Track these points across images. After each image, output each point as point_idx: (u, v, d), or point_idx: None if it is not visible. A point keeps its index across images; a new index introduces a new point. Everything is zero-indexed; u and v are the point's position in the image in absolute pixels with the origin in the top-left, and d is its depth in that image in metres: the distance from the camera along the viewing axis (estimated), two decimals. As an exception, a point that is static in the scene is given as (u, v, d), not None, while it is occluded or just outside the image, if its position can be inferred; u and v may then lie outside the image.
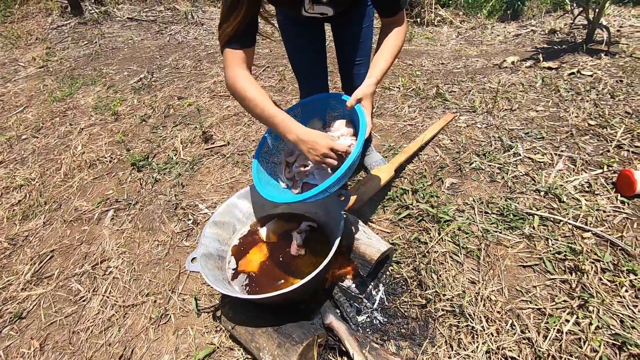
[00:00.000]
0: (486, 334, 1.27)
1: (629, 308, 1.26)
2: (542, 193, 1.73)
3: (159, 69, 3.78)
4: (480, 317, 1.32)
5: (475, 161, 1.98)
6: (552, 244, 1.51)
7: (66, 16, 5.47)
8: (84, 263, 1.81)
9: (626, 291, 1.30)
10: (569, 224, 1.57)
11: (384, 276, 1.51)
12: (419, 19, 4.12)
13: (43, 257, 1.88)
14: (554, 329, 1.24)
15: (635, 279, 1.32)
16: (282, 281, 1.32)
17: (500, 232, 1.60)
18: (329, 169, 1.18)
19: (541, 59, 2.83)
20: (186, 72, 3.65)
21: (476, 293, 1.39)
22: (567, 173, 1.82)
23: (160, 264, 1.74)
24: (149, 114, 2.98)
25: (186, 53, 4.09)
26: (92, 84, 3.65)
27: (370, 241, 1.37)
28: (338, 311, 1.36)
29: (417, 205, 1.78)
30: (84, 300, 1.65)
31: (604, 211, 1.60)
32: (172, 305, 1.55)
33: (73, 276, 1.76)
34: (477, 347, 1.24)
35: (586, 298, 1.30)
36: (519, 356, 1.20)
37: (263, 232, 1.50)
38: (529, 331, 1.26)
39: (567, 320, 1.26)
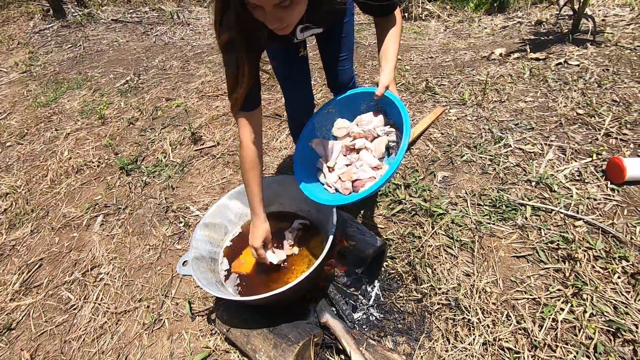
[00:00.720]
0: (482, 326, 1.27)
1: (622, 294, 1.27)
2: (533, 183, 1.74)
3: (145, 71, 3.73)
4: (476, 309, 1.32)
5: (467, 154, 1.98)
6: (545, 234, 1.51)
7: (48, 19, 5.36)
8: (74, 270, 1.78)
9: (619, 277, 1.31)
10: (561, 213, 1.57)
11: (379, 272, 1.50)
12: (406, 14, 4.11)
13: (31, 266, 1.84)
14: (549, 318, 1.25)
15: (627, 265, 1.34)
16: (276, 281, 1.31)
17: (493, 224, 1.60)
18: (373, 155, 1.20)
19: (528, 50, 2.84)
20: (173, 73, 3.60)
21: (471, 285, 1.39)
22: (558, 162, 1.83)
23: (152, 269, 1.71)
24: (136, 116, 2.93)
25: (173, 54, 4.04)
26: (78, 88, 3.58)
27: (364, 237, 1.36)
28: (334, 309, 1.34)
29: (410, 200, 1.77)
30: (75, 309, 1.61)
31: (595, 199, 1.61)
32: (166, 310, 1.53)
33: (63, 284, 1.73)
34: (474, 339, 1.24)
35: (580, 286, 1.30)
36: (515, 347, 1.21)
37: (255, 232, 1.48)
38: (524, 321, 1.26)
39: (562, 309, 1.26)
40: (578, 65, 2.54)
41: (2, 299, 1.70)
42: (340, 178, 1.23)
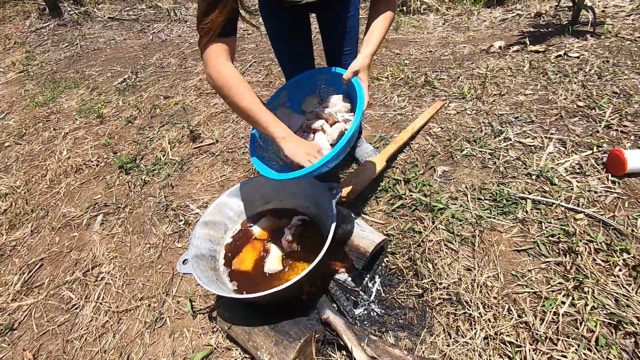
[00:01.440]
0: (483, 320, 1.27)
1: (624, 287, 1.27)
2: (533, 177, 1.73)
3: (143, 69, 3.71)
4: (477, 303, 1.32)
5: (467, 148, 1.97)
6: (546, 227, 1.51)
7: (45, 18, 5.33)
8: (75, 270, 1.78)
9: (620, 270, 1.31)
10: (562, 206, 1.57)
11: (380, 268, 1.50)
12: (405, 8, 4.08)
13: (32, 266, 1.84)
14: (551, 311, 1.25)
15: (629, 258, 1.33)
16: (277, 279, 1.31)
17: (494, 218, 1.59)
18: (327, 139, 1.18)
19: (528, 42, 2.82)
20: (171, 70, 3.59)
21: (472, 280, 1.39)
22: (558, 155, 1.82)
23: (152, 267, 1.71)
24: (134, 115, 2.92)
25: (170, 51, 4.02)
26: (75, 87, 3.56)
27: (364, 233, 1.35)
28: (335, 305, 1.34)
29: (410, 195, 1.76)
30: (76, 308, 1.62)
31: (596, 192, 1.60)
32: (167, 308, 1.53)
33: (64, 284, 1.73)
34: (475, 333, 1.24)
35: (581, 279, 1.30)
36: (516, 340, 1.20)
37: (255, 229, 1.48)
38: (525, 315, 1.26)
39: (563, 302, 1.26)
40: (578, 57, 2.52)
41: (4, 299, 1.70)
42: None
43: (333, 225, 1.20)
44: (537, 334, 1.20)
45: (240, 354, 1.32)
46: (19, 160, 2.67)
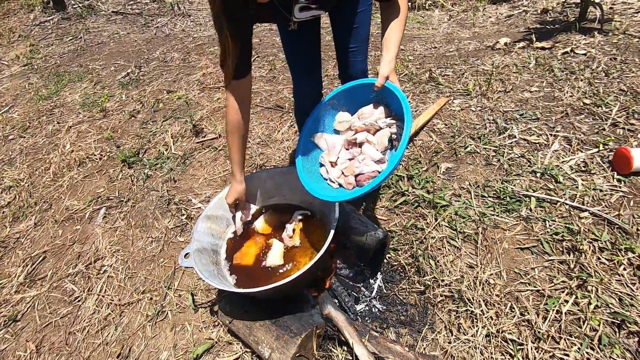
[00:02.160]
0: (485, 317, 1.26)
1: (628, 286, 1.26)
2: (538, 174, 1.72)
3: (146, 63, 3.70)
4: (479, 301, 1.31)
5: (471, 145, 1.95)
6: (550, 225, 1.50)
7: (49, 12, 5.33)
8: (78, 263, 1.79)
9: (624, 269, 1.30)
10: (566, 204, 1.56)
11: (382, 264, 1.50)
12: (410, 3, 4.05)
13: (35, 259, 1.85)
14: (553, 309, 1.24)
15: (634, 257, 1.32)
16: (278, 273, 1.30)
17: (497, 215, 1.58)
18: (376, 148, 1.18)
19: (534, 39, 2.79)
20: (174, 65, 3.58)
21: (474, 277, 1.39)
22: (563, 153, 1.80)
23: (154, 261, 1.72)
24: (137, 109, 2.92)
25: (174, 46, 4.01)
26: (79, 81, 3.57)
27: (366, 229, 1.35)
28: (336, 301, 1.34)
29: (413, 192, 1.76)
30: (79, 301, 1.62)
31: (601, 190, 1.59)
32: (169, 302, 1.53)
33: (67, 276, 1.73)
34: (477, 331, 1.24)
35: (585, 278, 1.29)
36: (518, 338, 1.20)
37: (258, 224, 1.48)
38: (528, 313, 1.25)
39: (566, 301, 1.25)
40: (585, 54, 2.49)
41: (7, 291, 1.71)
42: (343, 173, 1.21)
43: (335, 222, 1.20)
44: (539, 332, 1.20)
45: (241, 348, 1.32)
46: (23, 153, 2.68)
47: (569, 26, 2.88)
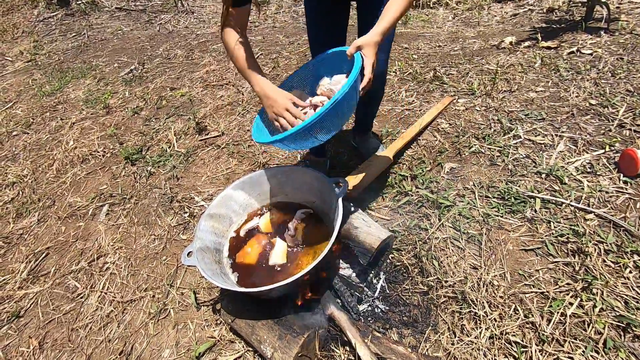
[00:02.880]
0: (489, 319, 1.26)
1: (634, 289, 1.24)
2: (543, 175, 1.70)
3: (149, 60, 3.70)
4: (483, 302, 1.30)
5: (475, 145, 1.94)
6: (555, 227, 1.49)
7: (52, 8, 5.33)
8: (81, 260, 1.79)
9: (630, 272, 1.29)
10: (571, 206, 1.54)
11: (385, 264, 1.49)
12: (414, 2, 4.02)
13: (38, 255, 1.85)
14: (558, 312, 1.23)
15: (639, 260, 1.31)
16: (280, 272, 1.30)
17: (502, 216, 1.57)
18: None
19: (540, 38, 2.77)
20: (178, 62, 3.57)
21: (478, 278, 1.38)
22: (569, 154, 1.79)
23: (157, 259, 1.72)
24: (141, 106, 2.92)
25: (177, 42, 4.00)
26: (82, 77, 3.57)
27: (369, 229, 1.34)
28: (339, 301, 1.34)
29: (417, 192, 1.75)
30: (81, 297, 1.63)
31: (607, 192, 1.57)
32: (171, 300, 1.53)
33: (70, 273, 1.74)
34: (480, 332, 1.23)
35: (590, 280, 1.28)
36: (522, 340, 1.19)
37: (261, 222, 1.47)
38: (532, 315, 1.24)
39: (571, 303, 1.25)
40: (591, 54, 2.47)
41: (11, 287, 1.71)
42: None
43: (339, 221, 1.19)
44: (543, 334, 1.19)
45: (243, 347, 1.32)
46: (26, 149, 2.68)
47: (575, 25, 2.85)
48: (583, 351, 1.13)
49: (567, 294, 1.28)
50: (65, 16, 5.14)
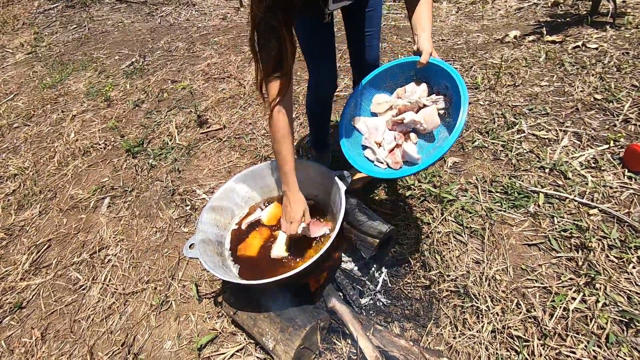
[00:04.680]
0: (491, 313, 1.25)
1: (637, 284, 1.24)
2: (547, 170, 1.69)
3: (150, 52, 3.67)
4: (485, 297, 1.30)
5: (478, 139, 1.93)
6: (558, 222, 1.48)
7: (53, -1, 5.29)
8: (82, 251, 1.79)
9: (634, 267, 1.28)
10: (575, 201, 1.53)
11: (387, 258, 1.49)
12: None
13: (40, 247, 1.86)
14: (560, 307, 1.23)
15: (643, 255, 1.30)
16: (282, 265, 1.30)
17: (505, 211, 1.56)
18: (424, 127, 1.16)
19: (544, 32, 2.74)
20: (179, 54, 3.55)
21: (481, 273, 1.37)
22: (573, 149, 1.77)
23: (159, 251, 1.72)
24: (142, 98, 2.90)
25: (178, 35, 3.97)
26: (83, 69, 3.55)
27: (372, 223, 1.34)
28: (341, 294, 1.34)
29: (420, 186, 1.74)
30: (83, 289, 1.63)
31: (611, 187, 1.56)
32: (173, 292, 1.53)
33: (72, 265, 1.74)
34: (482, 327, 1.23)
35: (593, 275, 1.28)
36: (524, 335, 1.19)
37: (263, 215, 1.47)
38: (534, 310, 1.24)
39: (574, 298, 1.24)
40: (596, 49, 2.44)
41: (13, 278, 1.72)
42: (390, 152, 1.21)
43: (341, 214, 1.18)
44: (545, 329, 1.19)
45: (245, 339, 1.32)
46: (28, 141, 2.67)
47: (581, 20, 2.82)
48: (585, 346, 1.13)
49: (570, 289, 1.27)
50: (65, 8, 5.10)
